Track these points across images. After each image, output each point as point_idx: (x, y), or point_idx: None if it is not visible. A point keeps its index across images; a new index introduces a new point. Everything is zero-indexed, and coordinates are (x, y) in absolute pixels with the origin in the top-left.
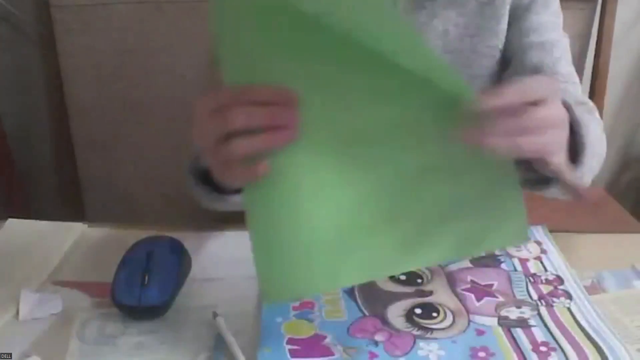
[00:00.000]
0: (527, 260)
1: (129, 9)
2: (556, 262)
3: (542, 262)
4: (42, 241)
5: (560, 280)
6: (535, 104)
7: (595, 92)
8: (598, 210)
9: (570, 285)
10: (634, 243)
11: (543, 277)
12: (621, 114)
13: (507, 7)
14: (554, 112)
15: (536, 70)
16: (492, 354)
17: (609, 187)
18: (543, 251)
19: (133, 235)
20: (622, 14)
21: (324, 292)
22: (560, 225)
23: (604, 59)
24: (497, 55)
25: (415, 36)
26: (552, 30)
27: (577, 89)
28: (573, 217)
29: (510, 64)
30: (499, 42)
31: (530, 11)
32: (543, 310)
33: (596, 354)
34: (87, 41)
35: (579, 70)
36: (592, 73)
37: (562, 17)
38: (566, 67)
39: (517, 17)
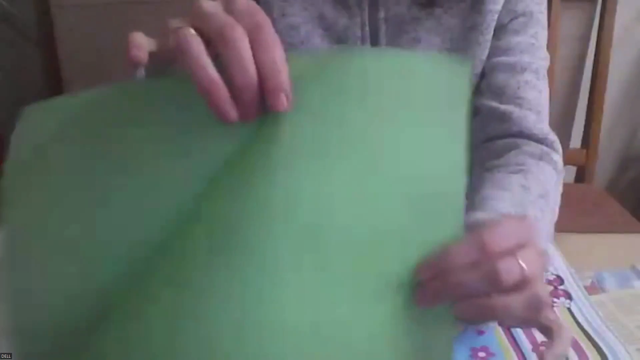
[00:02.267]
0: None
1: (129, 9)
2: (556, 262)
3: None
4: None
5: (560, 280)
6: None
7: (595, 92)
8: (598, 210)
9: (570, 285)
10: (634, 243)
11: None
12: (621, 114)
13: (491, 32)
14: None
15: (499, 91)
16: (492, 354)
17: (609, 187)
18: None
19: None
20: (622, 14)
21: None
22: (561, 226)
23: (604, 59)
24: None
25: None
26: (526, 52)
27: (541, 120)
28: (573, 217)
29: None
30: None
31: (507, 31)
32: None
33: (596, 354)
34: (87, 41)
35: (579, 71)
36: (592, 73)
37: (546, 38)
38: (533, 93)
39: (495, 36)
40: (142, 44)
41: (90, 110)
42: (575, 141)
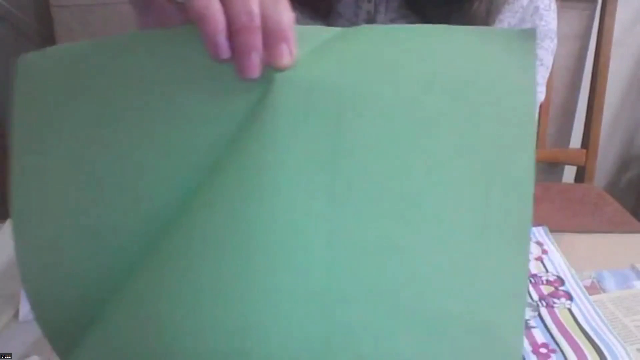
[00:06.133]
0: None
1: (129, 9)
2: (557, 262)
3: (543, 263)
4: None
5: (561, 281)
6: None
7: (595, 92)
8: (598, 210)
9: (570, 286)
10: (634, 243)
11: (544, 278)
12: (621, 114)
13: None
14: None
15: None
16: None
17: (609, 187)
18: (544, 252)
19: None
20: (622, 14)
21: None
22: (561, 226)
23: (604, 59)
24: None
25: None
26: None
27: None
28: (573, 217)
29: None
30: None
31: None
32: (544, 311)
33: (595, 354)
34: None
35: (579, 71)
36: (592, 73)
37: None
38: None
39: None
40: None
41: (85, 62)
42: (575, 141)
